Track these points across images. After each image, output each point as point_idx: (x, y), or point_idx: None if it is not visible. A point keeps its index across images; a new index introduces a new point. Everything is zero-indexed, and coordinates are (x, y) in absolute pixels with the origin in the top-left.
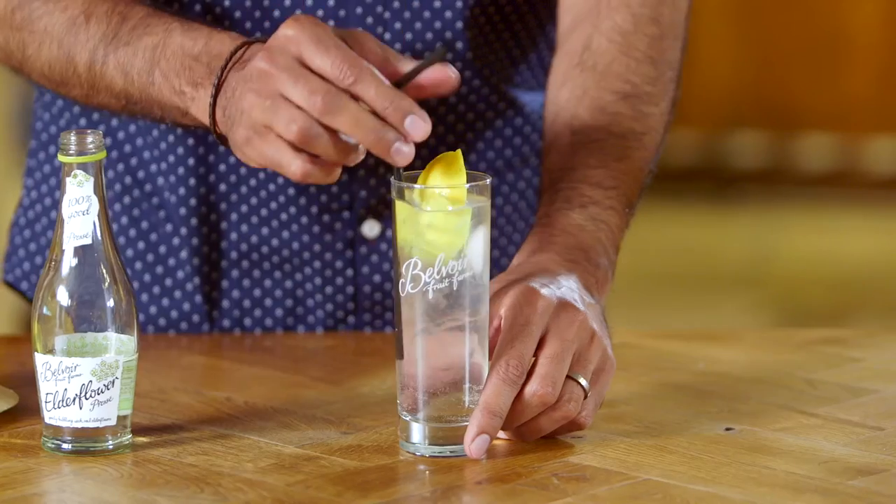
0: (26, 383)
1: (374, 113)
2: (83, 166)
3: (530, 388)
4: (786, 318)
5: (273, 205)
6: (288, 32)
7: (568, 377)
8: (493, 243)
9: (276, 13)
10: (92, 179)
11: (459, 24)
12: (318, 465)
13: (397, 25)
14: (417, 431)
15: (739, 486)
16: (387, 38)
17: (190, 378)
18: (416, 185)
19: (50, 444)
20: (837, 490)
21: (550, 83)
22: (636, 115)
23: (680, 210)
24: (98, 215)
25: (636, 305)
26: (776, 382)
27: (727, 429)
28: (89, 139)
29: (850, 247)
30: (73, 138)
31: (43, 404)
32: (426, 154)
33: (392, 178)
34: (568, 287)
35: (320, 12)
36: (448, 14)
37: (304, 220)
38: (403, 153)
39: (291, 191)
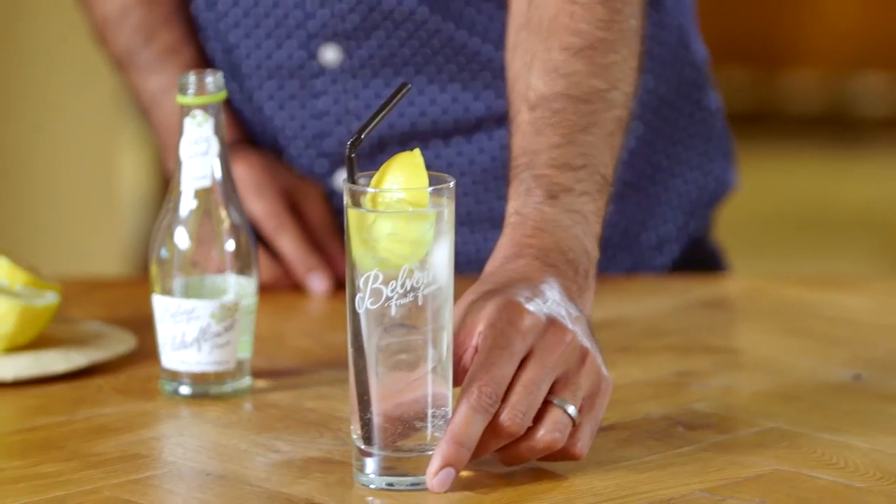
0: (143, 325)
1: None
2: (203, 107)
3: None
4: None
5: None
6: (237, 173)
7: (555, 405)
8: (461, 201)
9: None
10: (212, 120)
11: None
12: None
13: None
14: (372, 461)
15: (867, 435)
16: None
17: (310, 321)
18: (370, 189)
19: (168, 388)
20: None
21: (506, 51)
22: (594, 70)
23: (801, 154)
24: (218, 156)
25: (756, 249)
26: None
27: (855, 376)
28: (209, 79)
29: None
30: (192, 79)
31: (161, 347)
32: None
33: (343, 182)
34: (554, 300)
35: None
36: None
37: None
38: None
39: None
